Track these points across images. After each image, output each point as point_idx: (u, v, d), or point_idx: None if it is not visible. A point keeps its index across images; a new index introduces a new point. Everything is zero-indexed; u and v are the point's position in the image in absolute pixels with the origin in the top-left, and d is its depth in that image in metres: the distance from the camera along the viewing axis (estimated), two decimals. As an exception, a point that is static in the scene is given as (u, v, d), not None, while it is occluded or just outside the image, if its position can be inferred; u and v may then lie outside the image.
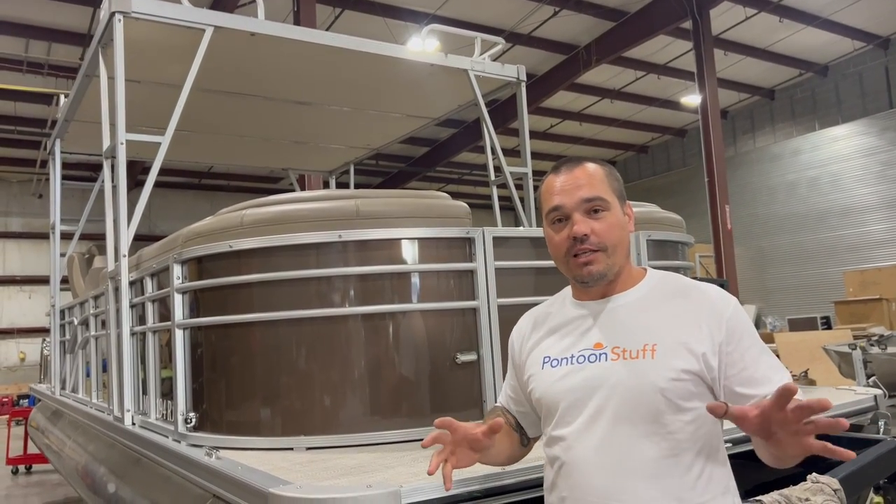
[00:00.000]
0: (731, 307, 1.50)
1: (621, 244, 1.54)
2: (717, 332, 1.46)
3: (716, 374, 1.45)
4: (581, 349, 1.53)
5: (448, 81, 4.74)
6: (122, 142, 3.31)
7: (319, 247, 2.51)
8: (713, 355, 1.44)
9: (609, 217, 1.53)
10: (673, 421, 1.43)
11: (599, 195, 1.54)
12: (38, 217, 19.02)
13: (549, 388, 1.56)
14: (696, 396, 1.44)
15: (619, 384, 1.46)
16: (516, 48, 14.13)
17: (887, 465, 2.40)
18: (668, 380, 1.43)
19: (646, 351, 1.46)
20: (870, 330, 12.10)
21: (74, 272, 5.67)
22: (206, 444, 2.51)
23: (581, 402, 1.50)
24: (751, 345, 1.47)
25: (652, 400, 1.43)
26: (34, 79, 13.85)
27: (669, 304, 1.51)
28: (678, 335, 1.46)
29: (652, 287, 1.56)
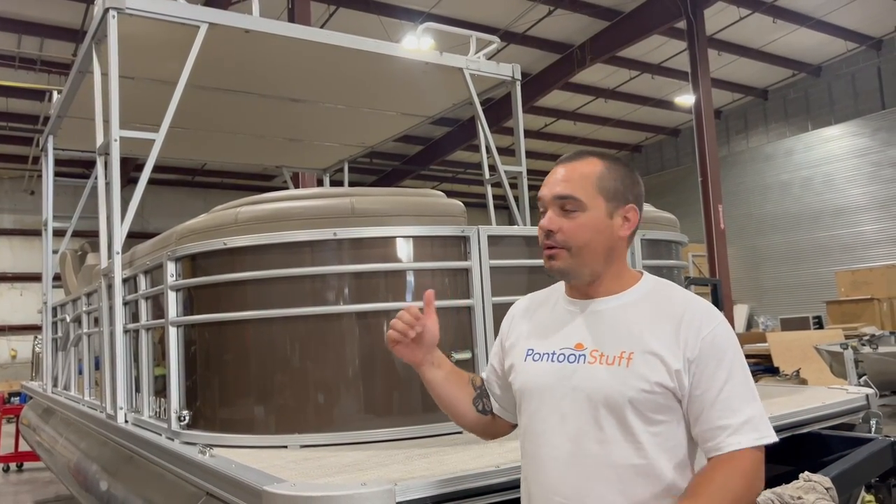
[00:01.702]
0: (711, 326, 1.44)
1: (590, 247, 1.50)
2: (692, 349, 1.42)
3: (685, 392, 1.43)
4: (562, 347, 1.53)
5: (443, 80, 4.73)
6: (115, 138, 3.30)
7: (314, 244, 2.51)
8: (685, 373, 1.42)
9: (581, 218, 1.50)
10: (641, 431, 1.42)
11: (572, 194, 1.50)
12: (30, 214, 18.92)
13: (526, 382, 1.58)
14: (667, 410, 1.43)
15: (592, 388, 1.46)
16: (511, 47, 14.13)
17: (879, 463, 2.41)
18: (639, 391, 1.41)
19: (622, 358, 1.44)
20: (861, 330, 12.17)
21: (67, 269, 5.65)
22: (200, 441, 2.50)
23: (555, 400, 1.50)
24: (719, 370, 1.42)
25: (621, 408, 1.42)
26: (26, 74, 13.76)
27: (654, 314, 1.48)
28: (656, 347, 1.43)
29: (642, 294, 1.53)
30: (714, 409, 1.40)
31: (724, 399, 1.40)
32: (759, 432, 1.40)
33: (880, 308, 13.92)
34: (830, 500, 1.97)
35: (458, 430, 2.51)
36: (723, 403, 1.40)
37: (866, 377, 8.15)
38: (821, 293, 16.54)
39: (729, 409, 1.40)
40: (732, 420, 1.39)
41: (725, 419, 1.40)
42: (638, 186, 1.57)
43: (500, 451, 2.16)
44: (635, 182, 1.57)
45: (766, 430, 1.41)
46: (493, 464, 1.95)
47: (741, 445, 1.38)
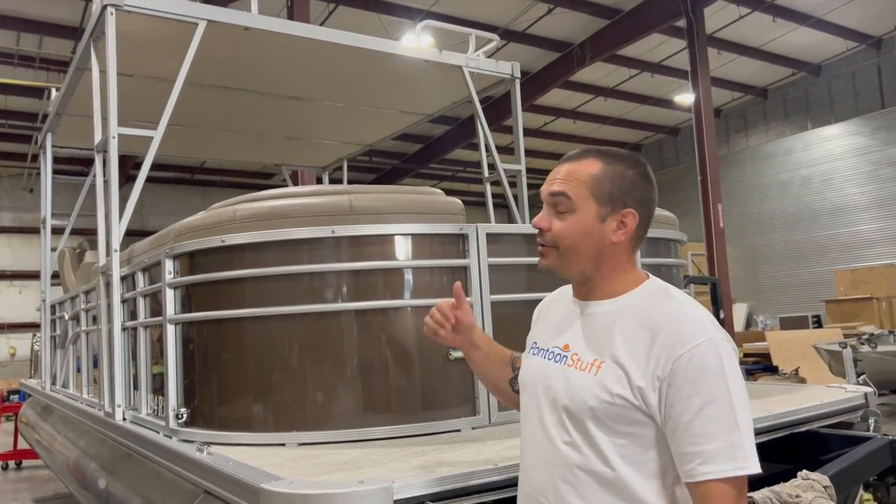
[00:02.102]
0: (689, 346, 1.34)
1: (576, 249, 1.48)
2: (663, 368, 1.35)
3: (655, 411, 1.36)
4: (554, 345, 1.55)
5: (442, 78, 4.73)
6: (113, 136, 3.29)
7: (312, 242, 2.50)
8: (652, 391, 1.35)
9: (571, 219, 1.48)
10: (603, 441, 1.39)
11: (565, 192, 1.48)
12: (29, 212, 18.91)
13: (523, 375, 1.62)
14: (633, 423, 1.38)
15: (563, 391, 1.46)
16: (511, 45, 14.12)
17: (877, 462, 2.41)
18: (601, 400, 1.38)
19: (593, 365, 1.43)
20: (860, 329, 12.18)
21: (65, 267, 5.64)
22: (198, 439, 2.49)
23: (537, 396, 1.53)
24: (695, 393, 1.32)
25: (581, 415, 1.41)
26: (25, 72, 13.75)
27: (635, 325, 1.42)
28: (625, 359, 1.39)
29: (636, 300, 1.47)
30: (687, 434, 1.32)
31: (700, 424, 1.31)
32: (734, 462, 1.30)
33: (879, 307, 13.93)
34: (828, 498, 1.97)
35: (457, 428, 2.52)
36: (698, 429, 1.31)
37: (865, 376, 8.17)
38: (820, 292, 16.56)
39: (704, 434, 1.31)
40: (706, 447, 1.30)
41: (698, 445, 1.31)
42: (642, 189, 1.50)
43: (497, 448, 2.16)
44: (639, 185, 1.49)
45: (745, 461, 1.30)
46: (490, 462, 1.95)
47: (712, 475, 1.29)
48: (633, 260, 1.54)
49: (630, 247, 1.51)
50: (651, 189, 1.53)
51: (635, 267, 1.54)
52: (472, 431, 2.51)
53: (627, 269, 1.51)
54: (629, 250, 1.51)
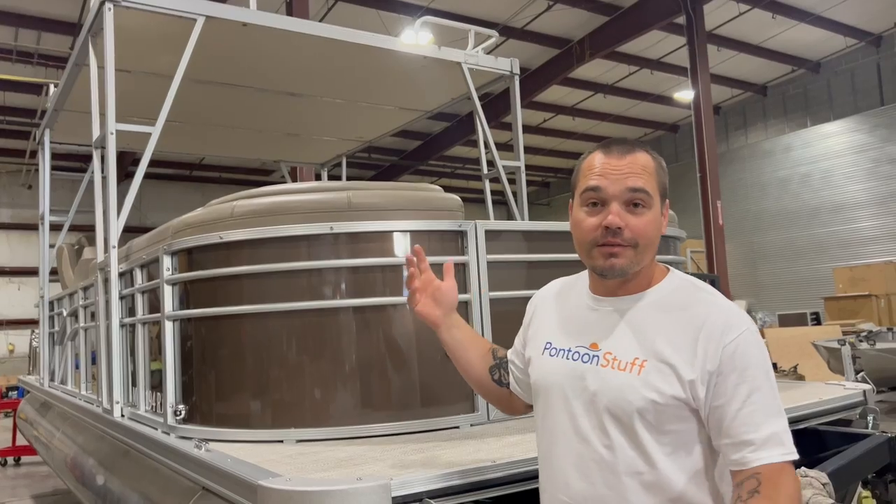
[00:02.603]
0: (734, 335, 1.36)
1: (652, 245, 1.45)
2: (711, 359, 1.35)
3: (702, 402, 1.36)
4: (578, 345, 1.49)
5: (441, 74, 4.72)
6: (111, 132, 3.29)
7: (310, 239, 2.49)
8: (701, 384, 1.35)
9: (648, 214, 1.43)
10: (649, 440, 1.37)
11: (646, 188, 1.43)
12: (28, 208, 18.91)
13: (541, 378, 1.56)
14: (679, 420, 1.38)
15: (602, 393, 1.42)
16: (510, 42, 14.11)
17: (875, 459, 2.41)
18: (649, 401, 1.36)
19: (634, 365, 1.39)
20: (859, 326, 12.18)
21: (63, 263, 5.64)
22: (196, 436, 2.49)
23: (566, 400, 1.48)
24: (742, 382, 1.34)
25: (628, 416, 1.38)
26: (24, 68, 13.73)
27: (673, 319, 1.41)
28: (670, 356, 1.37)
29: (664, 294, 1.46)
30: (736, 423, 1.33)
31: (748, 413, 1.33)
32: (784, 447, 1.33)
33: (878, 304, 13.95)
34: (827, 495, 1.97)
35: (456, 424, 2.52)
36: (746, 417, 1.33)
37: (863, 373, 8.16)
38: (819, 289, 16.58)
39: (753, 423, 1.32)
40: (756, 434, 1.32)
41: (749, 433, 1.32)
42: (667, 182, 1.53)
43: (496, 446, 2.16)
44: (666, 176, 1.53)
45: (791, 447, 1.34)
46: (489, 459, 1.95)
47: (767, 460, 1.30)
48: None
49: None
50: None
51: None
52: (471, 428, 2.51)
53: (654, 262, 1.51)
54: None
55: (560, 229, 2.83)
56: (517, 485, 1.93)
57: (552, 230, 2.82)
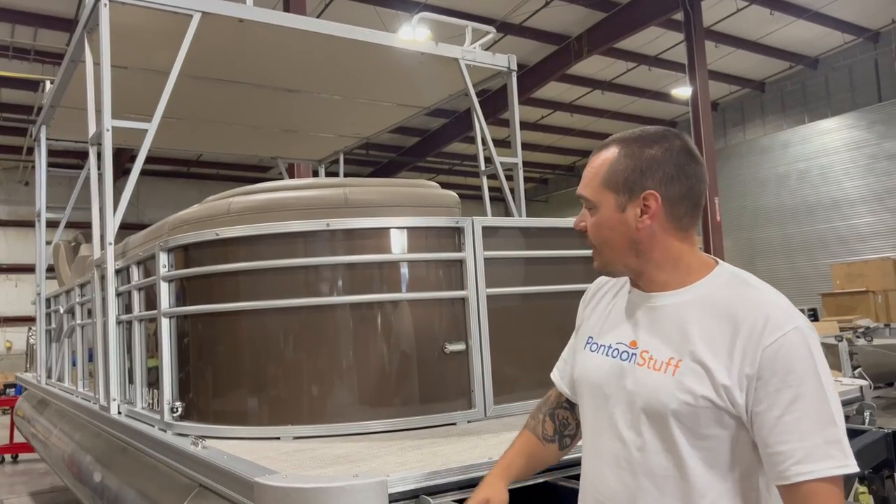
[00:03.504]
0: (776, 336, 1.24)
1: (609, 245, 1.41)
2: (749, 362, 1.25)
3: (742, 410, 1.26)
4: (618, 341, 1.44)
5: (438, 70, 4.71)
6: (107, 128, 3.28)
7: (307, 235, 2.49)
8: (739, 389, 1.25)
9: (595, 217, 1.42)
10: (684, 444, 1.30)
11: (583, 194, 1.44)
12: (25, 205, 18.86)
13: (582, 373, 1.51)
14: (717, 424, 1.29)
15: (638, 393, 1.36)
16: (508, 38, 14.08)
17: (872, 455, 2.41)
18: (682, 402, 1.29)
19: (669, 365, 1.32)
20: (856, 322, 12.19)
21: (60, 260, 5.62)
22: (193, 433, 2.49)
23: (605, 398, 1.43)
24: (785, 387, 1.22)
25: (663, 418, 1.32)
26: (20, 65, 13.68)
27: (714, 317, 1.31)
28: (706, 357, 1.28)
29: (710, 291, 1.36)
30: (777, 432, 1.22)
31: (791, 421, 1.21)
32: (832, 460, 1.20)
33: (875, 300, 13.96)
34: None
35: (453, 421, 2.52)
36: (788, 425, 1.21)
37: (860, 369, 8.17)
38: (816, 285, 16.60)
39: (796, 431, 1.21)
40: (799, 445, 1.21)
41: (790, 443, 1.21)
42: (665, 166, 1.37)
43: (493, 442, 2.16)
44: (661, 162, 1.37)
45: (843, 459, 1.21)
46: (486, 455, 1.95)
47: (809, 476, 1.19)
48: (690, 243, 1.41)
49: (674, 230, 1.38)
50: (683, 164, 1.38)
51: (696, 252, 1.42)
52: (468, 425, 2.51)
53: (684, 255, 1.40)
54: (674, 234, 1.39)
55: (557, 226, 2.82)
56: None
57: (549, 226, 2.82)
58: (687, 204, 1.38)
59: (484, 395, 2.58)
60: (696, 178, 1.39)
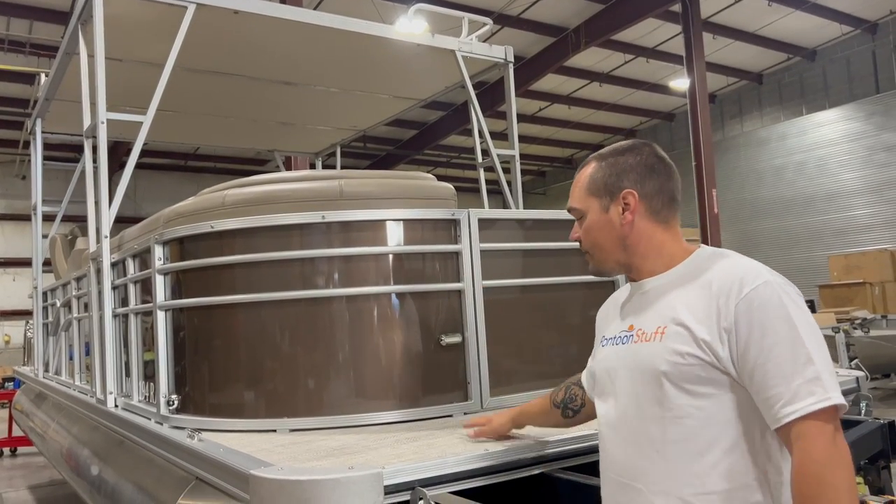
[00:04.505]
0: (747, 290, 1.36)
1: (600, 245, 1.60)
2: (725, 316, 1.37)
3: (729, 364, 1.36)
4: (620, 330, 1.60)
5: (435, 62, 4.69)
6: (102, 121, 3.26)
7: (302, 228, 2.48)
8: (719, 343, 1.37)
9: (585, 223, 1.62)
10: (681, 405, 1.40)
11: (572, 205, 1.65)
12: (21, 199, 18.83)
13: (596, 366, 1.67)
14: (709, 382, 1.38)
15: (633, 365, 1.50)
16: (505, 30, 14.05)
17: (868, 446, 2.42)
18: (671, 363, 1.40)
19: (657, 334, 1.46)
20: (853, 313, 12.22)
21: (57, 254, 5.61)
22: (189, 426, 2.49)
23: (609, 380, 1.58)
24: (764, 336, 1.33)
25: (657, 382, 1.43)
26: (15, 57, 13.63)
27: (693, 285, 1.46)
28: (686, 318, 1.41)
29: (689, 269, 1.51)
30: (764, 378, 1.32)
31: (774, 366, 1.31)
32: (815, 396, 1.28)
33: (872, 292, 13.98)
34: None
35: (448, 413, 2.52)
36: (772, 371, 1.31)
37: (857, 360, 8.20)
38: (813, 277, 16.62)
39: (779, 375, 1.30)
40: (785, 388, 1.29)
41: (777, 387, 1.30)
42: (638, 168, 1.56)
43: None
44: (634, 166, 1.56)
45: (824, 393, 1.28)
46: (482, 447, 1.95)
47: (798, 414, 1.28)
48: (672, 233, 1.58)
49: (654, 222, 1.57)
50: (653, 164, 1.57)
51: (679, 240, 1.58)
52: (464, 417, 2.51)
53: (666, 244, 1.56)
54: (655, 225, 1.56)
55: (553, 218, 2.82)
56: (510, 472, 1.94)
57: (545, 219, 2.81)
58: (662, 198, 1.57)
59: (480, 387, 2.58)
60: (667, 175, 1.59)
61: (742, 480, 1.37)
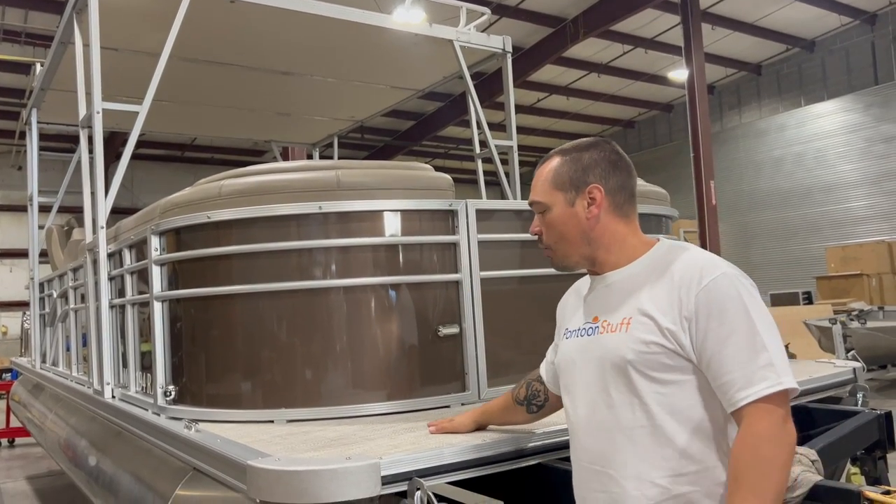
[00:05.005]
0: (706, 281, 1.44)
1: (565, 239, 1.62)
2: (686, 306, 1.44)
3: (690, 351, 1.44)
4: (584, 323, 1.63)
5: (433, 52, 4.67)
6: (98, 111, 3.24)
7: (299, 218, 2.47)
8: (682, 331, 1.44)
9: (548, 217, 1.64)
10: (647, 392, 1.46)
11: (536, 199, 1.66)
12: (18, 189, 18.76)
13: (560, 358, 1.71)
14: (673, 369, 1.45)
15: (600, 356, 1.54)
16: (503, 20, 13.98)
17: (864, 436, 2.42)
18: (636, 352, 1.46)
19: (622, 324, 1.51)
20: (850, 305, 12.25)
21: (53, 245, 5.60)
22: (186, 416, 2.49)
23: (576, 372, 1.61)
24: (721, 325, 1.41)
25: (624, 371, 1.48)
26: (11, 47, 13.55)
27: (656, 277, 1.51)
28: (649, 308, 1.48)
29: (651, 261, 1.56)
30: (720, 365, 1.40)
31: (730, 354, 1.39)
32: (767, 381, 1.36)
33: (869, 283, 14.01)
34: (816, 472, 1.98)
35: (446, 404, 2.52)
36: (727, 357, 1.39)
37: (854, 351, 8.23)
38: (811, 269, 16.65)
39: (734, 362, 1.38)
40: (739, 373, 1.38)
41: (732, 373, 1.38)
42: (602, 164, 1.60)
43: (487, 425, 2.16)
44: (598, 162, 1.60)
45: (776, 378, 1.36)
46: (479, 437, 1.95)
47: (750, 398, 1.36)
48: (633, 227, 1.63)
49: (617, 216, 1.61)
50: (616, 161, 1.62)
51: (639, 234, 1.63)
52: (462, 407, 2.51)
53: (628, 237, 1.61)
54: (617, 220, 1.61)
55: (551, 208, 2.81)
56: (507, 463, 1.94)
57: (544, 209, 2.80)
58: (624, 193, 1.62)
59: (478, 378, 2.58)
60: (627, 172, 1.64)
61: (709, 461, 1.45)
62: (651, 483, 1.45)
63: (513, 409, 1.97)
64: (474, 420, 2.01)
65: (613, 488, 1.50)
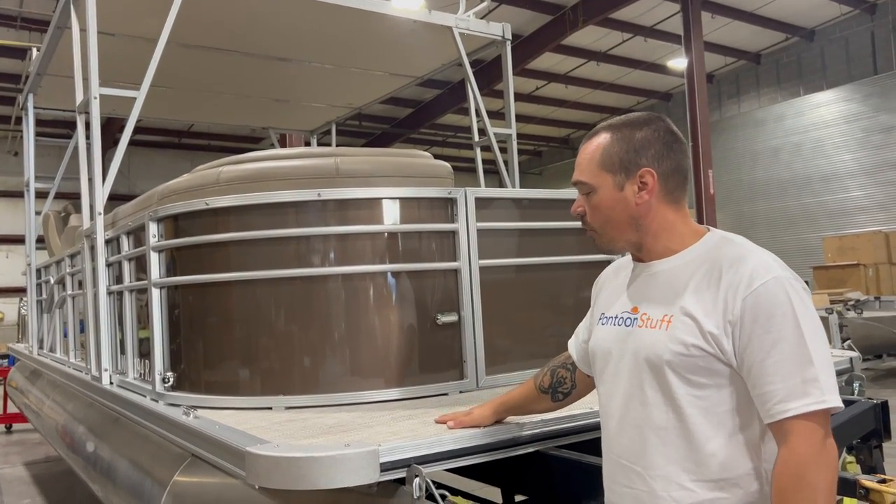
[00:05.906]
0: (755, 285, 1.35)
1: (611, 223, 1.52)
2: (731, 310, 1.36)
3: (731, 357, 1.37)
4: (622, 311, 1.56)
5: (432, 39, 4.64)
6: (95, 96, 3.23)
7: (298, 205, 2.47)
8: (724, 336, 1.36)
9: (594, 199, 1.53)
10: (682, 394, 1.40)
11: (581, 179, 1.55)
12: (14, 175, 18.64)
13: (594, 345, 1.64)
14: (709, 373, 1.39)
15: (637, 351, 1.48)
16: (502, 7, 13.90)
17: (861, 425, 2.44)
18: (675, 353, 1.40)
19: (664, 321, 1.44)
20: (847, 295, 12.27)
21: (50, 231, 5.58)
22: (184, 403, 2.49)
23: (611, 362, 1.56)
24: (767, 332, 1.32)
25: (660, 370, 1.43)
26: (7, 32, 13.44)
27: (702, 274, 1.43)
28: (693, 309, 1.40)
29: (699, 254, 1.47)
30: (762, 374, 1.32)
31: (773, 363, 1.31)
32: (810, 397, 1.29)
33: (866, 273, 14.03)
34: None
35: (444, 391, 2.52)
36: (771, 367, 1.31)
37: (850, 341, 8.26)
38: (808, 258, 16.65)
39: (778, 373, 1.31)
40: (781, 385, 1.30)
41: (774, 384, 1.31)
42: (656, 145, 1.49)
43: (485, 412, 2.16)
44: (652, 142, 1.49)
45: (822, 395, 1.29)
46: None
47: (790, 413, 1.29)
48: (683, 214, 1.53)
49: (667, 202, 1.51)
50: (670, 142, 1.51)
51: (688, 221, 1.54)
52: (460, 395, 2.52)
53: (677, 225, 1.52)
54: (668, 206, 1.51)
55: (550, 197, 2.81)
56: (506, 451, 1.94)
57: (542, 198, 2.80)
58: (677, 177, 1.52)
59: (476, 366, 2.59)
60: (682, 154, 1.53)
61: (740, 470, 1.39)
62: (679, 485, 1.41)
63: (536, 397, 1.89)
64: (494, 411, 1.93)
65: (640, 486, 1.46)
